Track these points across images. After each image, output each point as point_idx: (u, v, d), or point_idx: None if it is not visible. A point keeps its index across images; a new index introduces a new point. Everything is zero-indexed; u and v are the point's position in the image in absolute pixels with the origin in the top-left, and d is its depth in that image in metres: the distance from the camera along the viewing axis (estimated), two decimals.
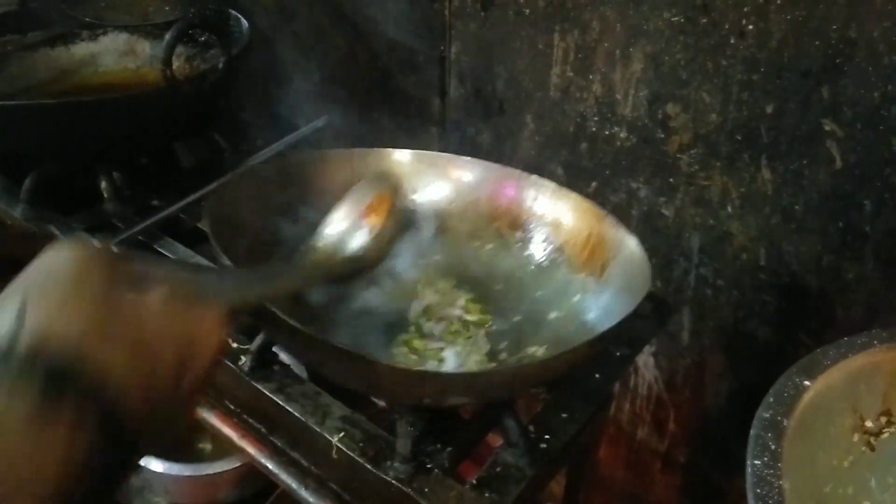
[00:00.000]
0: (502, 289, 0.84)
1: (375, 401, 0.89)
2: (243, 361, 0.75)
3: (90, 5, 1.26)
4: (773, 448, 0.51)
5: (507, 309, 0.82)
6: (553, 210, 0.83)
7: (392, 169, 0.86)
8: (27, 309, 0.35)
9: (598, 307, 0.75)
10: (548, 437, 0.70)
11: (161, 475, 1.16)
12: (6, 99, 1.03)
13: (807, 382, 0.57)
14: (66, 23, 1.22)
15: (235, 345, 0.77)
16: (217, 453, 1.21)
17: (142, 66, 1.21)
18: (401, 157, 0.87)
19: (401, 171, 0.86)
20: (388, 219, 0.71)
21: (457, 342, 0.77)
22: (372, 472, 0.66)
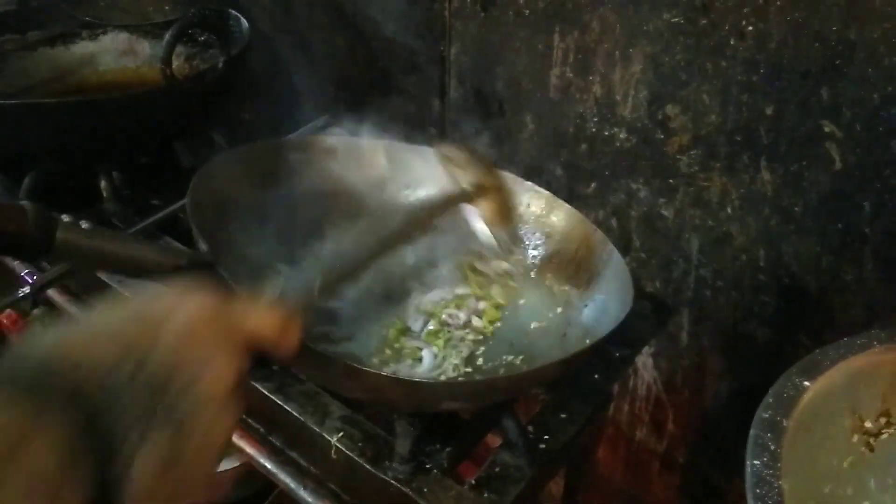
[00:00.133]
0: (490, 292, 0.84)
1: None
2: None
3: (90, 5, 1.26)
4: (773, 448, 0.51)
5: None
6: (545, 219, 0.84)
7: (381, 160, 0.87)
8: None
9: (579, 322, 0.76)
10: (547, 437, 0.70)
11: None
12: (6, 98, 1.03)
13: (806, 383, 0.57)
14: (66, 22, 1.22)
15: None
16: None
17: (141, 66, 1.21)
18: (389, 150, 0.88)
19: (390, 162, 0.88)
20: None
21: (435, 343, 0.77)
22: (371, 472, 0.66)
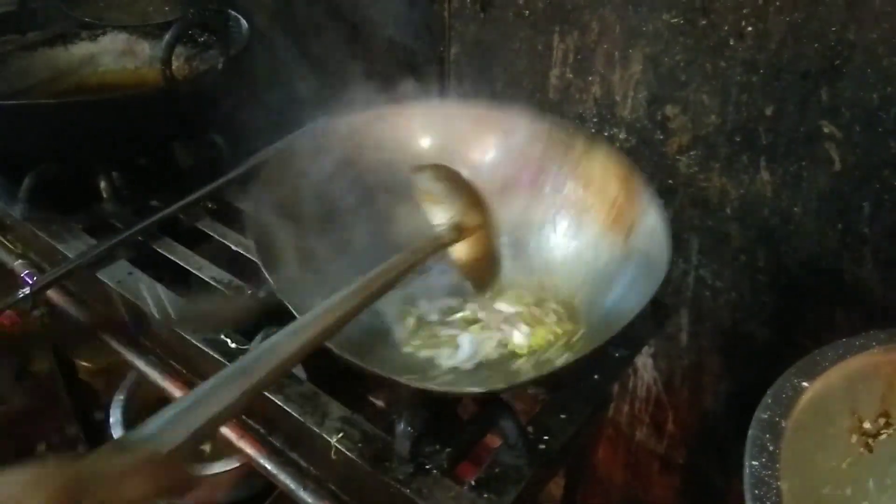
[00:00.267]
0: (534, 246, 0.82)
1: (374, 401, 0.89)
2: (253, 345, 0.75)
3: (89, 5, 1.25)
4: (772, 449, 0.51)
5: (532, 268, 0.80)
6: (584, 161, 0.79)
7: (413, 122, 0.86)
8: None
9: (625, 275, 0.72)
10: (546, 437, 0.70)
11: None
12: (5, 99, 1.03)
13: (805, 384, 0.57)
14: (66, 23, 1.21)
15: (234, 345, 0.77)
16: (215, 454, 1.21)
17: (141, 67, 1.21)
18: (428, 110, 0.86)
19: (431, 121, 0.85)
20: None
21: (470, 329, 0.76)
22: (371, 472, 0.66)
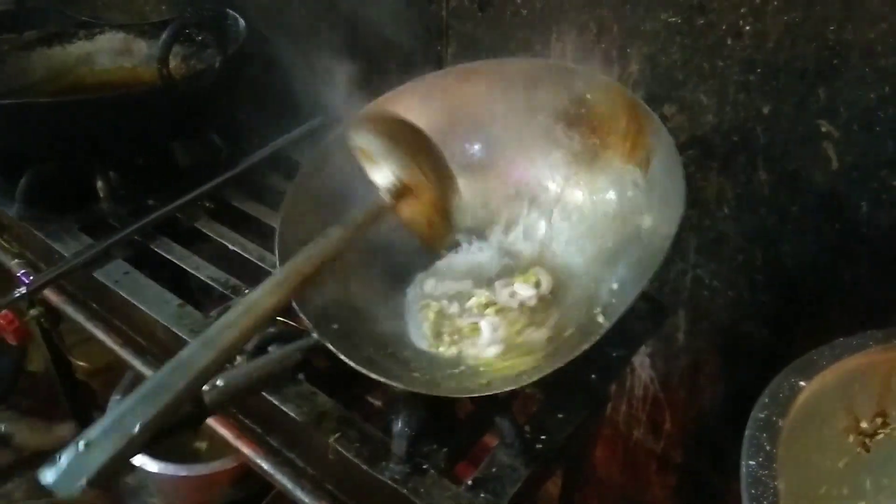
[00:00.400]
0: (556, 192, 0.81)
1: (372, 401, 0.89)
2: (239, 361, 0.75)
3: (86, 4, 1.26)
4: (769, 449, 0.51)
5: (568, 210, 0.80)
6: (588, 96, 0.78)
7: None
8: None
9: (651, 207, 0.71)
10: (544, 437, 0.70)
11: (156, 475, 1.15)
12: (2, 98, 1.03)
13: (802, 383, 0.57)
14: (63, 22, 1.22)
15: None
16: (213, 453, 1.21)
17: (138, 66, 1.20)
18: (421, 84, 0.85)
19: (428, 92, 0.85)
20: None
21: (487, 314, 0.76)
22: (368, 472, 0.66)
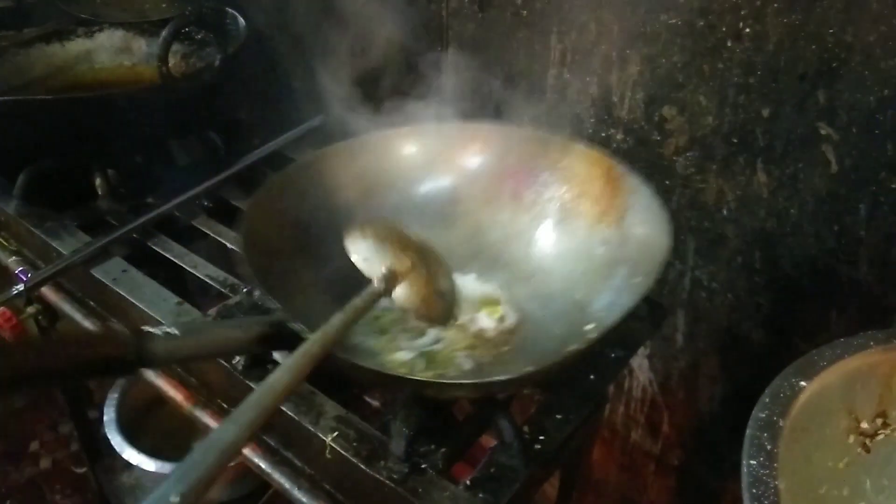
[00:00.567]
0: (524, 250, 0.83)
1: (370, 401, 0.89)
2: (237, 360, 0.75)
3: (86, 2, 1.25)
4: (769, 448, 0.51)
5: (526, 272, 0.81)
6: (563, 164, 0.82)
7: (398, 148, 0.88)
8: None
9: (626, 259, 0.73)
10: (542, 438, 0.70)
11: (153, 474, 1.15)
12: (1, 95, 1.02)
13: (803, 383, 0.57)
14: (62, 19, 1.21)
15: None
16: None
17: (138, 64, 1.20)
18: (409, 135, 0.89)
19: (407, 147, 0.89)
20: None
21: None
22: (365, 472, 0.65)
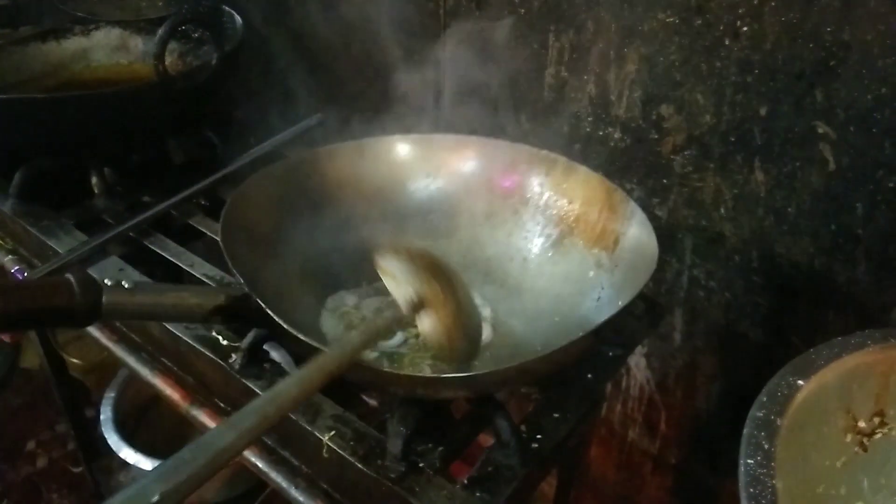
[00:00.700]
0: (518, 267, 0.85)
1: (367, 399, 0.89)
2: (234, 359, 0.75)
3: (82, 0, 1.25)
4: (767, 447, 0.51)
5: (516, 288, 0.84)
6: (565, 185, 0.84)
7: (399, 155, 0.89)
8: None
9: (612, 284, 0.75)
10: (539, 437, 0.70)
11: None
12: None
13: (800, 382, 0.57)
14: (58, 17, 1.21)
15: (226, 342, 0.77)
16: None
17: (134, 62, 1.20)
18: (406, 143, 0.89)
19: (409, 155, 0.89)
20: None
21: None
22: (363, 470, 0.65)
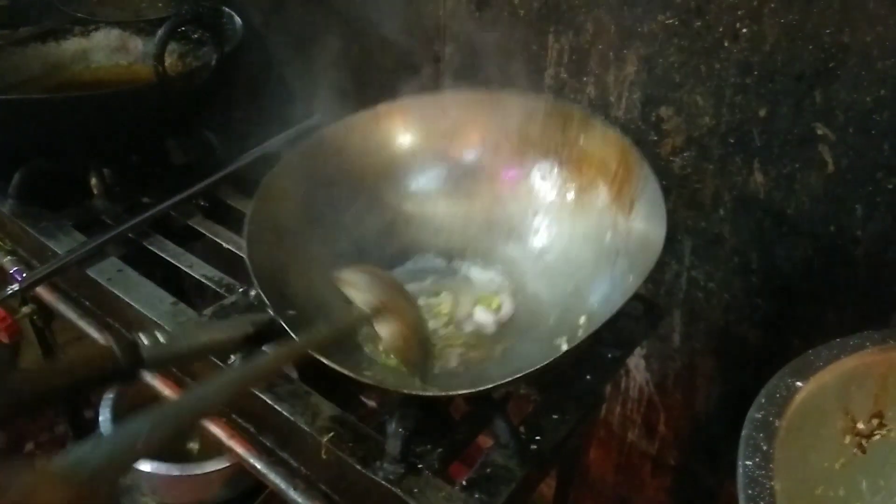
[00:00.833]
0: (539, 222, 0.83)
1: (366, 401, 0.89)
2: (233, 360, 0.75)
3: (82, 1, 1.25)
4: (765, 449, 0.51)
5: (537, 249, 0.83)
6: (582, 140, 0.80)
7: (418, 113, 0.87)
8: None
9: (627, 251, 0.72)
10: (538, 438, 0.70)
11: (149, 475, 1.15)
12: None
13: (799, 383, 0.57)
14: (58, 18, 1.21)
15: None
16: (205, 453, 1.20)
17: (134, 63, 1.20)
18: (423, 102, 0.88)
19: (427, 113, 0.87)
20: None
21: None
22: (361, 472, 0.65)
